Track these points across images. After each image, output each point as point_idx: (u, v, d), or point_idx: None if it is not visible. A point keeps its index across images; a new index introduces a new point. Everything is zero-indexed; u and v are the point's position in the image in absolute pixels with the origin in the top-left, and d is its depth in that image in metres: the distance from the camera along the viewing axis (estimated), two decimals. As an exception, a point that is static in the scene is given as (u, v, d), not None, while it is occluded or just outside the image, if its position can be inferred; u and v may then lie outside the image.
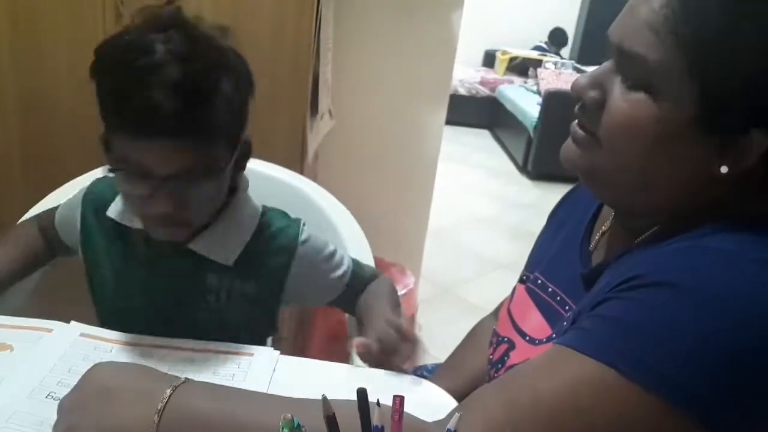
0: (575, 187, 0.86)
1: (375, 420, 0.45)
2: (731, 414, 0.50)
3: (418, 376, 1.04)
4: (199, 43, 0.72)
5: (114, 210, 0.85)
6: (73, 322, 0.79)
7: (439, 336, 1.08)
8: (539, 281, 0.79)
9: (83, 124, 1.59)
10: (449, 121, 2.37)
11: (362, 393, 0.45)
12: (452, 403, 0.71)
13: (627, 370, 0.51)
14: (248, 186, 0.87)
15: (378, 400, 0.45)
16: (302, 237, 0.88)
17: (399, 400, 0.45)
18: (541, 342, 0.73)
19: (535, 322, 0.75)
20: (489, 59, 6.44)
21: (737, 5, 0.53)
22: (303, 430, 0.46)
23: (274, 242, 0.86)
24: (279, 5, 1.47)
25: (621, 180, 0.62)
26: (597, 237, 0.75)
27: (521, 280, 0.85)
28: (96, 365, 0.60)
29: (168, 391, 0.56)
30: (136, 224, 0.82)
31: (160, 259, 0.84)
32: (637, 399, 0.50)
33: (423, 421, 0.58)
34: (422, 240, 2.41)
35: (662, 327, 0.51)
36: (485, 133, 5.79)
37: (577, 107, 0.65)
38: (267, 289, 0.87)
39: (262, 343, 0.88)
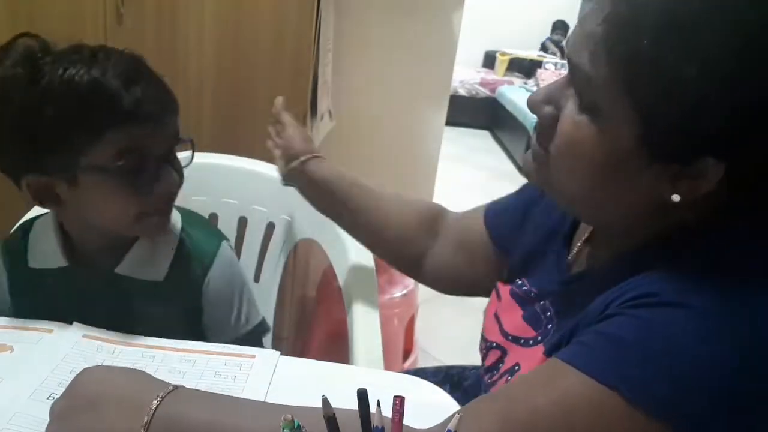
0: None
1: (375, 421, 0.45)
2: None
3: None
4: (100, 47, 0.77)
5: (34, 259, 0.83)
6: (75, 323, 0.79)
7: (440, 336, 1.08)
8: (524, 287, 0.78)
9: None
10: (449, 122, 2.37)
11: (362, 393, 0.45)
12: (453, 404, 0.71)
13: (631, 394, 0.49)
14: None
15: (378, 400, 0.45)
16: (222, 247, 0.89)
17: (399, 400, 0.45)
18: (526, 343, 0.71)
19: (522, 325, 0.74)
20: (489, 60, 6.43)
21: (671, 30, 0.49)
22: (303, 430, 0.46)
23: (196, 252, 0.87)
24: (279, 5, 1.47)
25: (574, 199, 0.61)
26: (579, 245, 0.73)
27: (505, 282, 0.82)
28: (85, 370, 0.59)
29: (155, 403, 0.55)
30: (61, 263, 0.82)
31: (89, 296, 0.83)
32: (642, 426, 0.48)
33: (417, 430, 0.58)
34: (422, 240, 2.41)
35: (672, 350, 0.49)
36: (485, 134, 5.79)
37: (535, 122, 0.63)
38: (194, 302, 0.87)
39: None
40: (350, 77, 1.97)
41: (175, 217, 0.87)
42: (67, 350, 0.74)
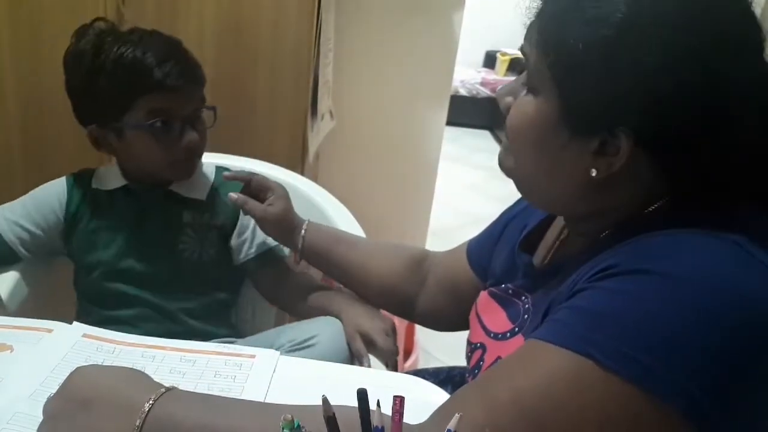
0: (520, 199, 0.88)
1: (375, 420, 0.45)
2: (713, 401, 0.49)
3: (422, 376, 1.04)
4: (150, 30, 1.02)
5: (98, 181, 1.07)
6: (75, 323, 0.79)
7: (440, 336, 1.08)
8: (501, 286, 0.79)
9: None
10: (450, 122, 2.37)
11: (362, 393, 0.45)
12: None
13: (604, 359, 0.50)
14: None
15: (378, 400, 0.45)
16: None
17: (399, 400, 0.45)
18: (504, 336, 0.72)
19: (500, 321, 0.75)
20: (490, 60, 6.43)
21: (571, 9, 0.57)
22: (303, 430, 0.46)
23: (227, 184, 1.07)
24: (279, 5, 1.47)
25: (528, 182, 0.67)
26: (556, 245, 0.75)
27: (483, 287, 0.85)
28: (77, 370, 0.59)
29: (147, 406, 0.55)
30: (121, 183, 1.05)
31: (145, 208, 1.05)
32: (617, 389, 0.50)
33: (414, 426, 0.58)
34: (423, 240, 2.41)
35: (638, 314, 0.51)
36: (486, 134, 5.78)
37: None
38: (228, 220, 1.09)
39: (236, 293, 1.15)
40: (351, 77, 1.97)
41: (209, 163, 1.12)
42: (67, 350, 0.74)
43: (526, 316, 0.70)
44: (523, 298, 0.73)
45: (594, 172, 0.58)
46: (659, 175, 0.59)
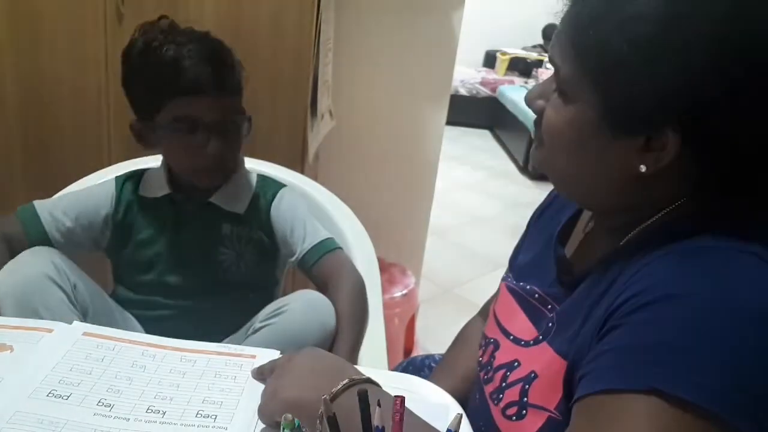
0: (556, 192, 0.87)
1: (375, 420, 0.45)
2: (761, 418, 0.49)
3: (428, 364, 1.04)
4: (199, 32, 1.00)
5: (144, 188, 1.08)
6: (75, 323, 0.79)
7: (440, 335, 1.08)
8: (527, 287, 0.78)
9: (84, 125, 1.59)
10: (450, 122, 2.37)
11: (362, 393, 0.45)
12: (452, 403, 0.71)
13: (667, 388, 0.50)
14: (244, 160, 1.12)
15: (378, 400, 0.45)
16: (281, 190, 1.11)
17: (399, 400, 0.45)
18: (527, 344, 0.72)
19: (520, 324, 0.75)
20: (489, 60, 6.43)
21: (609, 17, 0.56)
22: (303, 430, 0.46)
23: (267, 195, 1.10)
24: (279, 5, 1.47)
25: (563, 178, 0.68)
26: (581, 238, 0.75)
27: (504, 279, 0.85)
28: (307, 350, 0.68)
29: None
30: (165, 191, 1.05)
31: (185, 219, 1.06)
32: (690, 419, 0.49)
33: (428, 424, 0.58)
34: (423, 240, 2.41)
35: (678, 340, 0.51)
36: (486, 134, 5.79)
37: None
38: (266, 232, 1.09)
39: (271, 292, 1.15)
40: (351, 77, 1.97)
41: (252, 174, 1.13)
42: (68, 348, 0.74)
43: (550, 324, 0.70)
44: (549, 306, 0.72)
45: (643, 168, 0.58)
46: (698, 171, 0.58)
